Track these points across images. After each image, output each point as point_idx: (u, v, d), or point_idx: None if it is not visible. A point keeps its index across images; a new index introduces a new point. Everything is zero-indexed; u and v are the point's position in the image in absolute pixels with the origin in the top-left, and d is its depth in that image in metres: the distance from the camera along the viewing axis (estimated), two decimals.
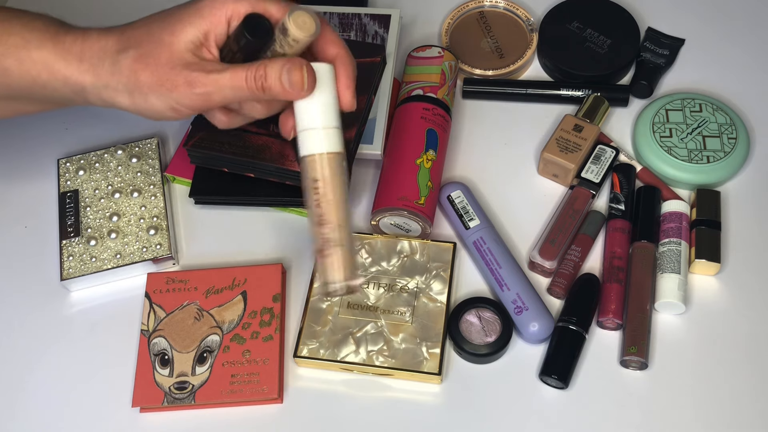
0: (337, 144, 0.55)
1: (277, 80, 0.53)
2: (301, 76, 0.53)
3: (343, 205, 0.55)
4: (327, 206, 0.54)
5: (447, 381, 0.67)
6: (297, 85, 0.53)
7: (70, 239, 0.73)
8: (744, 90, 0.80)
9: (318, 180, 0.54)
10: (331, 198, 0.54)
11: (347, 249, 0.55)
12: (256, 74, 0.53)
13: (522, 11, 0.85)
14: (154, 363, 0.67)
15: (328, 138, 0.55)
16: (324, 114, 0.55)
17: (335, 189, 0.55)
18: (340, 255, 0.55)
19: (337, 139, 0.55)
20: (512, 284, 0.67)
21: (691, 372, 0.66)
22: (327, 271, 0.55)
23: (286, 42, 0.53)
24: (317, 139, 0.54)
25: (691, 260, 0.69)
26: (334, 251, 0.55)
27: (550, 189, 0.76)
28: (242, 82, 0.53)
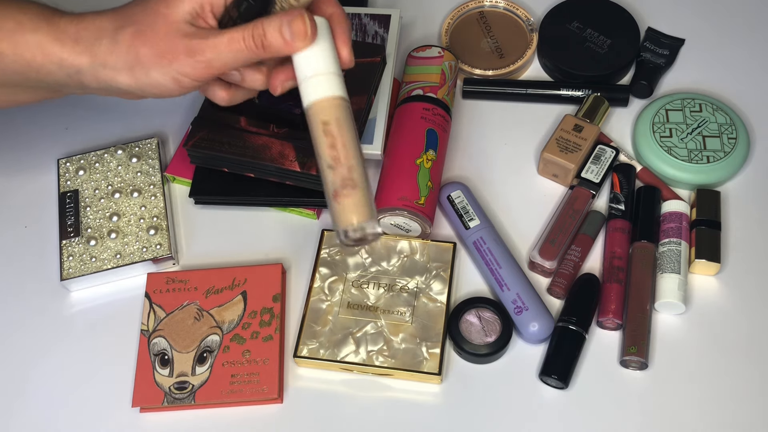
0: (344, 90, 0.54)
1: (277, 34, 0.52)
2: (303, 24, 0.52)
3: (357, 147, 0.53)
4: (342, 147, 0.52)
5: (447, 381, 0.67)
6: (299, 34, 0.52)
7: (70, 239, 0.73)
8: (744, 90, 0.80)
9: (329, 122, 0.53)
10: (345, 139, 0.53)
11: (365, 190, 0.53)
12: (254, 32, 0.52)
13: (522, 11, 0.85)
14: (154, 363, 0.67)
15: (335, 82, 0.54)
16: (327, 60, 0.54)
17: (348, 130, 0.53)
18: (359, 195, 0.52)
19: (343, 86, 0.54)
20: (512, 284, 0.67)
21: (691, 372, 0.66)
22: (345, 212, 0.52)
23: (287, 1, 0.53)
24: (325, 83, 0.53)
25: (691, 260, 0.69)
26: (352, 192, 0.52)
27: (550, 189, 0.76)
28: (240, 42, 0.52)
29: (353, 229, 0.52)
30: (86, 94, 0.61)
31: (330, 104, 0.53)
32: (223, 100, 0.59)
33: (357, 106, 0.72)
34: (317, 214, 0.75)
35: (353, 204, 0.52)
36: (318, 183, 0.70)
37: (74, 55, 0.55)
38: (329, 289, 0.69)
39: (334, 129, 0.53)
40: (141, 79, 0.54)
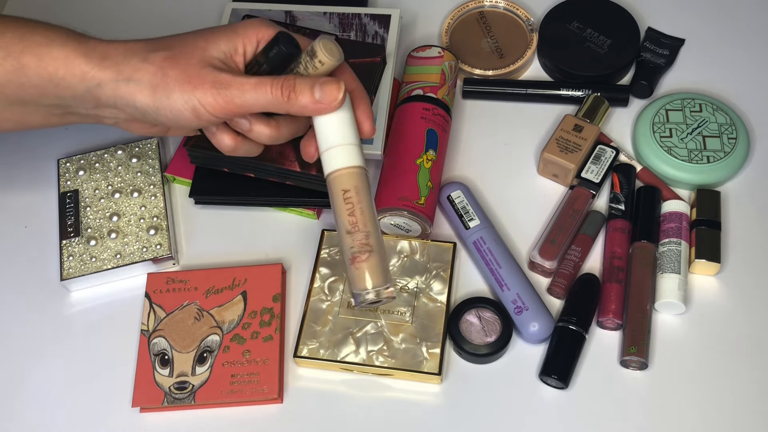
0: (362, 159, 0.57)
1: (308, 91, 0.55)
2: (337, 90, 0.55)
3: (374, 214, 0.57)
4: (360, 214, 0.56)
5: (447, 381, 0.67)
6: (330, 99, 0.55)
7: (70, 239, 0.73)
8: (744, 90, 0.80)
9: (349, 190, 0.56)
10: (363, 207, 0.56)
11: (381, 255, 0.57)
12: (284, 83, 0.55)
13: (522, 11, 0.85)
14: (154, 363, 0.67)
15: (357, 153, 0.57)
16: (350, 130, 0.57)
17: (367, 199, 0.57)
18: (375, 261, 0.56)
19: (362, 155, 0.58)
20: (512, 284, 0.67)
21: (691, 372, 0.66)
22: (361, 277, 0.56)
23: (312, 64, 0.56)
24: (347, 153, 0.57)
25: (691, 260, 0.69)
26: (369, 257, 0.56)
27: (550, 189, 0.76)
28: (267, 88, 0.54)
29: (368, 293, 0.56)
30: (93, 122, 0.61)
31: (350, 173, 0.56)
32: (228, 148, 0.60)
33: None
34: (317, 214, 0.75)
35: (369, 268, 0.56)
36: (317, 183, 0.71)
37: (99, 70, 0.55)
38: (329, 289, 0.69)
39: (354, 197, 0.56)
40: (161, 100, 0.55)
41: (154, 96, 0.55)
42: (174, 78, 0.54)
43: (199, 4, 0.88)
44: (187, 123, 0.56)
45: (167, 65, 0.55)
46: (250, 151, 0.61)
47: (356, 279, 0.56)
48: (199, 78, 0.54)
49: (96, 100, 0.57)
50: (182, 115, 0.55)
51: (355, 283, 0.56)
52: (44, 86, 0.56)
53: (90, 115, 0.60)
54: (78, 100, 0.57)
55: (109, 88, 0.56)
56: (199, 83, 0.54)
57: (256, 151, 0.62)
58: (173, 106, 0.55)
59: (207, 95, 0.54)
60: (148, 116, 0.57)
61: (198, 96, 0.54)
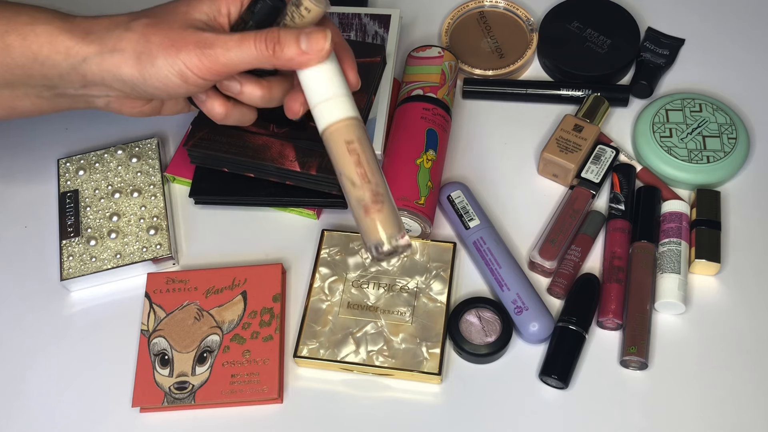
0: (357, 111, 0.55)
1: (293, 43, 0.53)
2: (324, 39, 0.52)
3: (378, 164, 0.54)
4: (367, 164, 0.53)
5: (447, 381, 0.67)
6: (317, 48, 0.52)
7: (70, 239, 0.73)
8: (744, 90, 0.80)
9: (353, 141, 0.54)
10: (368, 157, 0.54)
11: (393, 204, 0.54)
12: (267, 36, 0.53)
13: (522, 11, 0.85)
14: (154, 363, 0.67)
15: (350, 104, 0.55)
16: (340, 82, 0.55)
17: (371, 149, 0.54)
18: (389, 210, 0.53)
19: (356, 106, 0.55)
20: (512, 284, 0.67)
21: (691, 372, 0.66)
22: (377, 227, 0.53)
23: (298, 13, 0.54)
24: (343, 105, 0.54)
25: (691, 260, 0.69)
26: (383, 207, 0.53)
27: (550, 189, 0.76)
28: (251, 43, 0.53)
29: (386, 242, 0.53)
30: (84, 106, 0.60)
31: (350, 124, 0.54)
32: (219, 115, 0.59)
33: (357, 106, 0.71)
34: (317, 214, 0.75)
35: (384, 218, 0.53)
36: (317, 183, 0.70)
37: (83, 45, 0.55)
38: (329, 289, 0.69)
39: (358, 147, 0.54)
40: (146, 68, 0.54)
41: (139, 65, 0.54)
42: (157, 43, 0.54)
43: None
44: (176, 89, 0.55)
45: (150, 32, 0.54)
46: (243, 118, 0.60)
47: (371, 230, 0.53)
48: (182, 40, 0.53)
49: (83, 78, 0.56)
50: (169, 81, 0.54)
51: (371, 235, 0.53)
52: (29, 66, 0.56)
53: (79, 96, 0.59)
54: (64, 80, 0.57)
55: (94, 63, 0.55)
56: (183, 45, 0.53)
57: (249, 118, 0.60)
58: (159, 72, 0.54)
59: (191, 56, 0.53)
60: (136, 89, 0.56)
61: (182, 58, 0.53)
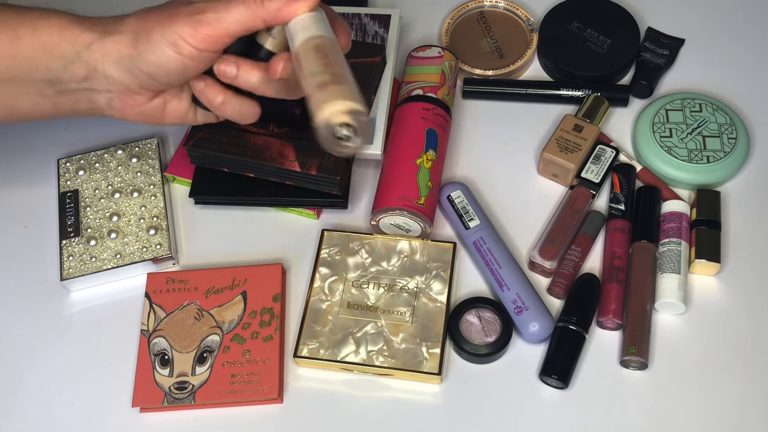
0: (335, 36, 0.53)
1: None
2: None
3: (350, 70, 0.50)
4: (335, 59, 0.50)
5: (447, 381, 0.67)
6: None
7: (70, 239, 0.73)
8: (744, 90, 0.80)
9: (324, 46, 0.51)
10: (339, 57, 0.50)
11: (354, 87, 0.48)
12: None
13: (522, 11, 0.85)
14: (154, 363, 0.67)
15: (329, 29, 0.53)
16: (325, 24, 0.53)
17: (342, 58, 0.51)
18: (352, 86, 0.48)
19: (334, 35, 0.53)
20: (512, 284, 0.67)
21: (691, 372, 0.66)
22: (331, 99, 0.46)
23: None
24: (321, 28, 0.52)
25: (691, 260, 0.69)
26: (344, 82, 0.48)
27: (550, 189, 0.76)
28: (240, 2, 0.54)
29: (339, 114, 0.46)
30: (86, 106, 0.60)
31: (324, 39, 0.52)
32: (217, 102, 0.59)
33: None
34: (317, 214, 0.75)
35: (341, 90, 0.47)
36: (317, 183, 0.70)
37: (89, 32, 0.57)
38: (329, 289, 0.69)
39: (328, 50, 0.51)
40: (142, 44, 0.55)
41: (136, 42, 0.56)
42: (153, 20, 0.56)
43: None
44: (171, 63, 0.56)
45: (148, 13, 0.57)
46: (242, 108, 0.60)
47: (322, 102, 0.46)
48: (176, 13, 0.55)
49: (85, 68, 0.57)
50: (164, 54, 0.55)
51: (322, 108, 0.46)
52: (36, 57, 0.57)
53: (81, 92, 0.59)
54: (68, 71, 0.58)
55: (96, 48, 0.57)
56: (175, 17, 0.55)
57: (248, 110, 0.60)
58: (154, 47, 0.55)
59: (184, 25, 0.54)
60: (133, 69, 0.57)
61: (175, 28, 0.55)
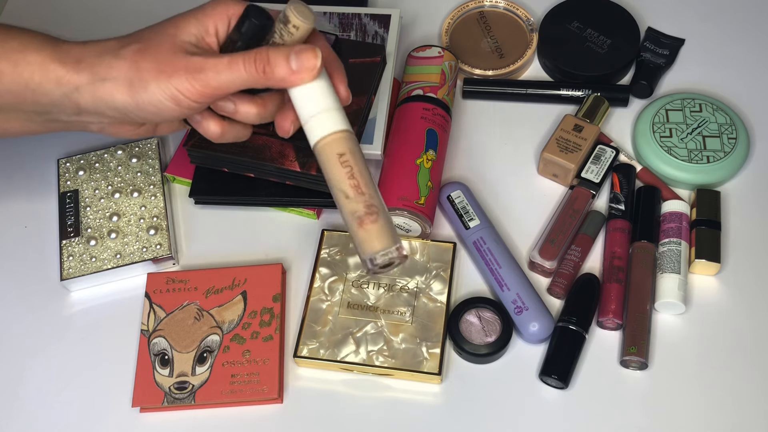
0: (349, 124, 0.55)
1: (283, 63, 0.53)
2: (314, 57, 0.53)
3: (372, 179, 0.54)
4: (360, 177, 0.53)
5: (447, 381, 0.67)
6: (308, 67, 0.53)
7: (70, 239, 0.73)
8: (744, 90, 0.80)
9: (345, 153, 0.53)
10: (361, 169, 0.54)
11: (388, 216, 0.54)
12: (257, 57, 0.53)
13: (522, 11, 0.85)
14: (154, 363, 0.67)
15: (343, 118, 0.55)
16: (330, 96, 0.55)
17: (363, 161, 0.54)
18: (384, 221, 0.53)
19: (347, 120, 0.55)
20: (512, 284, 0.67)
21: (691, 372, 0.66)
22: (372, 239, 0.52)
23: (286, 30, 0.54)
24: (333, 118, 0.54)
25: (691, 260, 0.69)
26: (377, 218, 0.53)
27: (550, 189, 0.76)
28: (240, 65, 0.53)
29: (382, 254, 0.53)
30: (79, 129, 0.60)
31: (342, 137, 0.54)
32: (215, 134, 0.59)
33: (357, 106, 0.72)
34: (317, 214, 0.75)
35: (379, 229, 0.53)
36: (317, 183, 0.70)
37: (74, 73, 0.54)
38: (329, 289, 0.69)
39: (351, 159, 0.53)
40: (139, 94, 0.54)
41: (131, 92, 0.54)
42: (147, 70, 0.53)
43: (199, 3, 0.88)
44: (170, 113, 0.55)
45: (139, 58, 0.54)
46: (239, 135, 0.60)
47: (367, 242, 0.53)
48: (172, 65, 0.53)
49: (76, 107, 0.56)
50: (163, 106, 0.54)
51: (366, 247, 0.53)
52: (21, 92, 0.56)
53: (73, 122, 0.58)
54: (57, 107, 0.56)
55: (86, 92, 0.55)
56: (173, 71, 0.53)
57: (245, 135, 0.60)
58: (152, 98, 0.54)
59: (182, 81, 0.53)
60: (130, 115, 0.56)
61: (174, 84, 0.53)
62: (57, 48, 0.55)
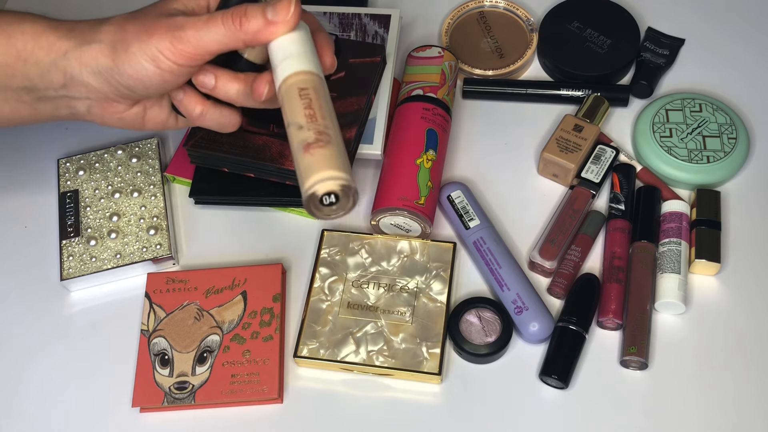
0: (321, 70, 0.52)
1: (258, 14, 0.52)
2: (288, 4, 0.52)
3: (335, 117, 0.49)
4: (318, 109, 0.49)
5: (447, 381, 0.67)
6: (282, 14, 0.52)
7: (70, 239, 0.73)
8: (744, 90, 0.80)
9: (307, 88, 0.50)
10: (322, 104, 0.49)
11: (341, 149, 0.47)
12: (233, 12, 0.53)
13: (522, 11, 0.85)
14: (154, 363, 0.67)
15: (313, 61, 0.52)
16: (311, 52, 0.53)
17: (327, 100, 0.50)
18: (338, 149, 0.47)
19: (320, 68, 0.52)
20: (512, 284, 0.67)
21: (691, 372, 0.66)
22: (320, 164, 0.45)
23: None
24: (306, 60, 0.51)
25: (691, 260, 0.69)
26: (330, 144, 0.46)
27: (550, 189, 0.76)
28: (219, 21, 0.53)
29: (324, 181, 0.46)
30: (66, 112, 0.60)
31: (308, 77, 0.51)
32: (196, 113, 0.59)
33: (357, 106, 0.72)
34: None
35: (327, 155, 0.46)
36: None
37: (65, 39, 0.56)
38: (329, 289, 0.69)
39: (312, 93, 0.50)
40: (120, 56, 0.54)
41: (114, 53, 0.55)
42: (131, 31, 0.55)
43: None
44: (150, 77, 0.55)
45: (126, 22, 0.55)
46: (222, 118, 0.60)
47: (310, 168, 0.46)
48: (155, 26, 0.54)
49: (63, 75, 0.56)
50: (142, 68, 0.54)
51: (308, 175, 0.46)
52: (12, 64, 0.57)
53: (60, 99, 0.59)
54: (45, 79, 0.57)
55: (73, 57, 0.56)
56: (155, 31, 0.54)
57: (229, 120, 0.60)
58: (132, 59, 0.54)
59: (163, 40, 0.54)
60: (112, 81, 0.56)
61: (154, 43, 0.54)
62: (52, 21, 0.57)
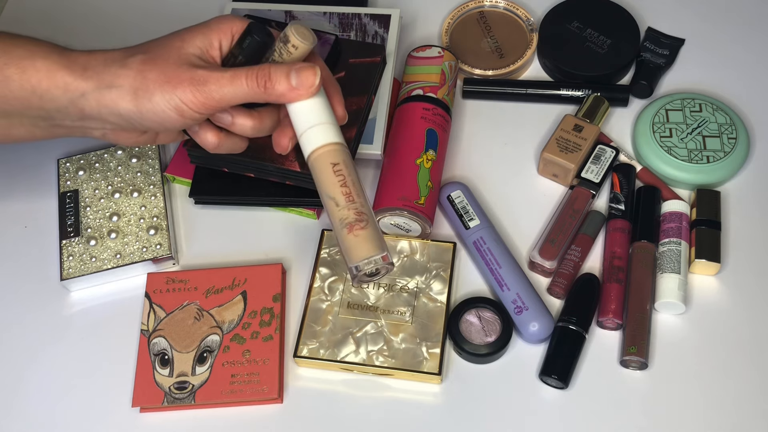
0: (343, 139, 0.57)
1: (283, 79, 0.55)
2: (313, 75, 0.55)
3: (364, 191, 0.56)
4: (352, 186, 0.55)
5: (447, 381, 0.67)
6: (307, 84, 0.55)
7: (70, 239, 0.73)
8: (744, 90, 0.80)
9: (339, 163, 0.55)
10: (354, 179, 0.55)
11: (376, 227, 0.55)
12: (258, 73, 0.55)
13: (522, 11, 0.85)
14: (154, 363, 0.67)
15: (337, 131, 0.57)
16: (326, 112, 0.57)
17: (355, 173, 0.56)
18: (372, 230, 0.54)
19: (342, 136, 0.57)
20: (512, 284, 0.67)
21: (691, 372, 0.66)
22: (360, 246, 0.54)
23: (286, 50, 0.56)
24: (328, 131, 0.56)
25: (691, 260, 0.69)
26: (366, 225, 0.54)
27: (550, 189, 0.76)
28: (243, 80, 0.55)
29: (369, 264, 0.54)
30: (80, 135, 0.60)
31: (336, 149, 0.56)
32: (212, 145, 0.60)
33: (357, 106, 0.72)
34: (317, 214, 0.75)
35: (367, 236, 0.54)
36: None
37: (81, 80, 0.56)
38: (329, 289, 0.69)
39: (344, 170, 0.55)
40: (143, 104, 0.55)
41: (136, 101, 0.55)
42: (153, 80, 0.55)
43: (199, 4, 0.88)
44: (173, 123, 0.56)
45: (146, 68, 0.55)
46: (234, 146, 0.61)
47: (354, 248, 0.54)
48: (177, 77, 0.55)
49: (80, 112, 0.57)
50: (166, 116, 0.55)
51: (353, 254, 0.54)
52: (28, 98, 0.56)
53: (76, 127, 0.59)
54: (62, 113, 0.57)
55: (92, 98, 0.56)
56: (178, 82, 0.55)
57: (240, 146, 0.62)
58: (156, 108, 0.55)
59: (187, 92, 0.54)
60: (133, 122, 0.57)
61: (179, 94, 0.54)
62: (63, 56, 0.57)
